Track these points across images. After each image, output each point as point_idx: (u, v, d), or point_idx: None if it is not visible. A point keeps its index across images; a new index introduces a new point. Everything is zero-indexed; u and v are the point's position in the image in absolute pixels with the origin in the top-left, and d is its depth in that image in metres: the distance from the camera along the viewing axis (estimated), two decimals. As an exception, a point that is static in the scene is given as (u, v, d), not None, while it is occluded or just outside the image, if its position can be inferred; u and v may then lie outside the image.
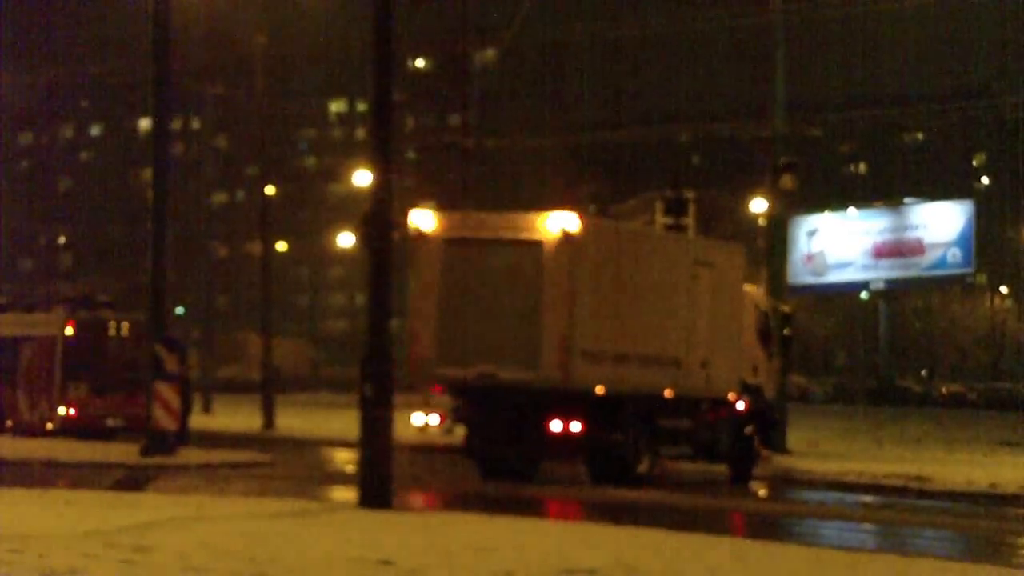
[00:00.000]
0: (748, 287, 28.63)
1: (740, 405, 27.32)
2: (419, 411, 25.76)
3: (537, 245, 23.68)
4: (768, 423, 28.75)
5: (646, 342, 25.23)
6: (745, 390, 27.49)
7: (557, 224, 23.63)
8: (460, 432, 25.38)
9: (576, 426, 23.94)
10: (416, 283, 24.86)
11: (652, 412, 25.28)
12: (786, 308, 30.84)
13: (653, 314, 25.45)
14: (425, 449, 30.03)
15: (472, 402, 24.90)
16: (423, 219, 24.57)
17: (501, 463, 24.84)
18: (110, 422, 33.13)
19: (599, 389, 24.10)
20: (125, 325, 33.91)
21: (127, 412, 32.43)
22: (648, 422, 25.16)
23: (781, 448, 33.67)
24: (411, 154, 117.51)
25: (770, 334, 28.72)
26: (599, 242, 24.61)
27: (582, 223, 23.84)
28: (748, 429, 27.63)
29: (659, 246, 27.05)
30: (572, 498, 23.06)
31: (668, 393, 25.55)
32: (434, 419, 25.64)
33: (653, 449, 25.34)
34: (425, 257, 24.54)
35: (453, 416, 25.12)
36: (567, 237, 23.54)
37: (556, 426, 23.96)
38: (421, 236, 24.53)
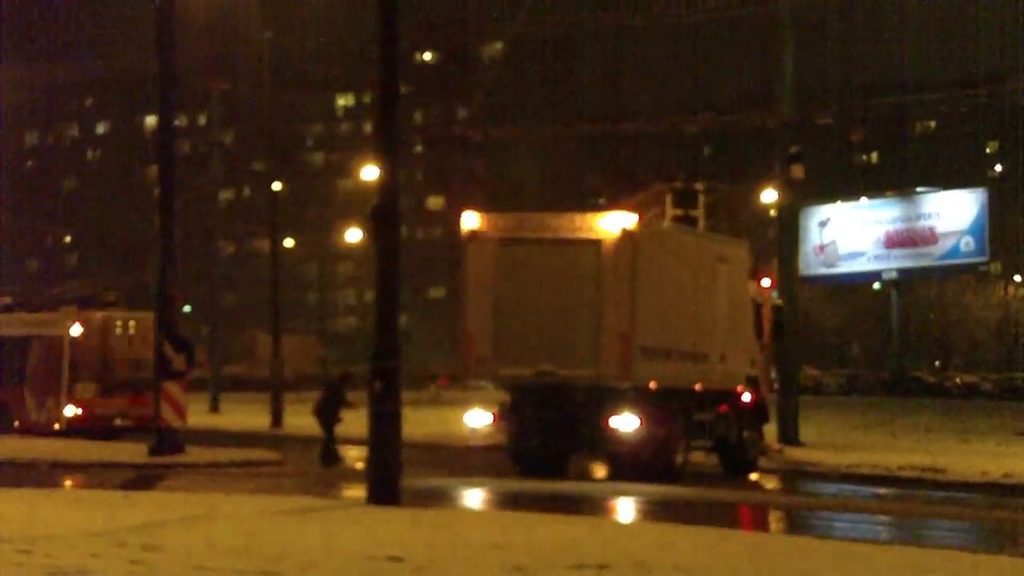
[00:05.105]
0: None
1: (746, 397, 27.73)
2: (474, 408, 25.78)
3: (596, 244, 24.11)
4: (763, 415, 28.96)
5: (683, 337, 25.74)
6: (748, 382, 27.83)
7: (617, 223, 24.05)
8: (504, 430, 25.51)
9: (635, 422, 24.25)
10: (470, 284, 25.03)
11: (688, 406, 25.68)
12: (778, 301, 31.09)
13: (688, 310, 25.98)
14: (478, 448, 30.12)
15: (527, 400, 24.98)
16: (476, 220, 24.71)
17: (545, 461, 25.06)
18: (118, 422, 33.07)
19: (653, 385, 24.48)
20: (132, 324, 33.83)
21: (135, 412, 32.36)
22: (686, 416, 25.50)
23: (794, 440, 33.59)
24: (419, 147, 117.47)
25: (763, 326, 29.03)
26: (654, 241, 25.17)
27: (641, 222, 24.33)
28: (751, 420, 28.08)
29: (691, 244, 27.46)
30: (606, 494, 22.97)
31: (699, 387, 26.03)
32: (482, 418, 25.60)
33: (687, 443, 25.65)
34: (479, 258, 24.75)
35: (502, 414, 25.17)
36: (627, 236, 23.94)
37: (616, 423, 24.24)
38: (474, 237, 24.74)
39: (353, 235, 79.29)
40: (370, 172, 48.55)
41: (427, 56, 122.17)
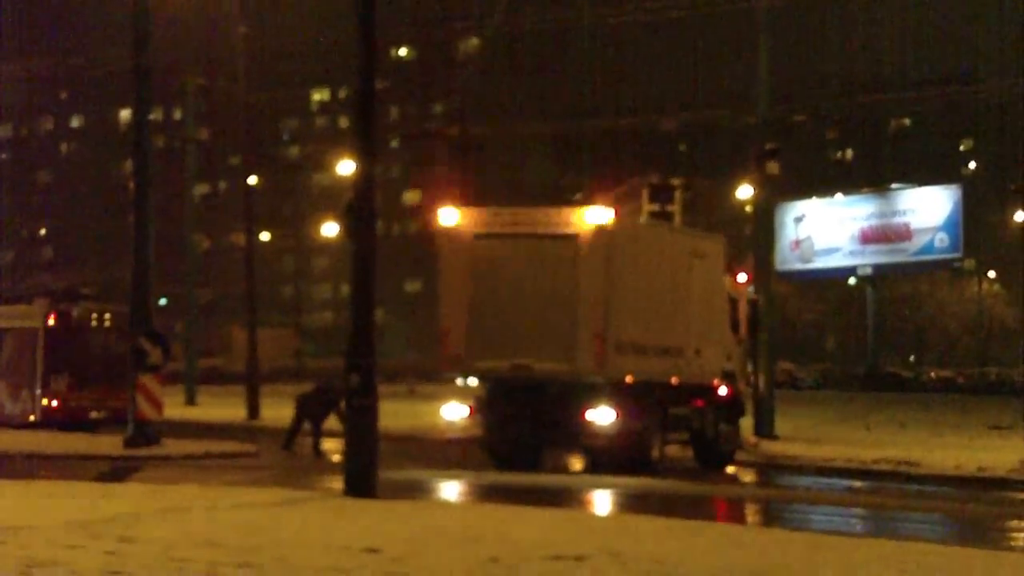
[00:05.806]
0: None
1: (722, 391, 27.78)
2: (450, 401, 25.88)
3: (572, 239, 24.17)
4: (739, 408, 29.08)
5: (658, 332, 25.88)
6: (724, 376, 27.90)
7: (593, 218, 24.09)
8: (480, 423, 25.58)
9: (611, 415, 24.33)
10: (445, 278, 25.12)
11: (663, 400, 25.74)
12: (754, 296, 31.21)
13: (663, 305, 26.13)
14: (454, 441, 30.14)
15: (503, 393, 25.00)
16: (452, 215, 24.70)
17: (520, 454, 25.11)
18: (93, 414, 32.96)
19: (628, 379, 24.56)
20: (107, 317, 33.73)
21: (110, 404, 32.26)
22: (661, 410, 25.53)
23: (770, 434, 33.71)
24: (395, 143, 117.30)
25: (739, 321, 29.14)
26: (630, 236, 25.27)
27: (616, 218, 24.34)
28: (727, 414, 28.15)
29: (667, 239, 27.54)
30: (582, 487, 23.02)
31: (674, 381, 26.14)
32: (458, 411, 25.68)
33: (663, 436, 25.71)
34: (455, 253, 24.84)
35: (478, 407, 25.23)
36: (602, 231, 24.01)
37: (592, 416, 24.33)
38: (450, 232, 24.75)
39: (329, 229, 79.14)
40: (346, 166, 48.52)
41: (403, 51, 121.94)
